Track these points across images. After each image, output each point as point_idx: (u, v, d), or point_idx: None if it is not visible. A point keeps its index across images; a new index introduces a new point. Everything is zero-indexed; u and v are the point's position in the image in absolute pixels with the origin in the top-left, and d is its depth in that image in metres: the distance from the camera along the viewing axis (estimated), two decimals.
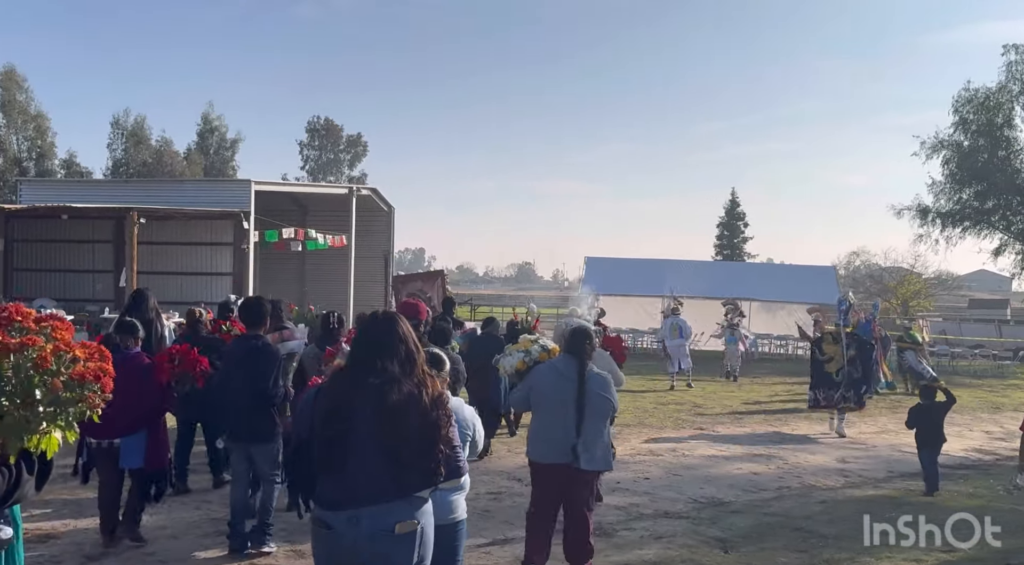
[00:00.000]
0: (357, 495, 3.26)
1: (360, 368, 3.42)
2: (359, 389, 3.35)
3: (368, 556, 3.28)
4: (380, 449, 3.27)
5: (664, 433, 12.15)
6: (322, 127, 75.90)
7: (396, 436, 3.27)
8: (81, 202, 24.94)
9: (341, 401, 3.35)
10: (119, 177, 55.87)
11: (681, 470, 9.67)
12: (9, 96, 56.68)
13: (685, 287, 26.43)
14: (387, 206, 32.88)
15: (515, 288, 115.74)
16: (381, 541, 3.26)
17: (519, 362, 6.65)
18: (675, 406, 15.04)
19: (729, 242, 65.87)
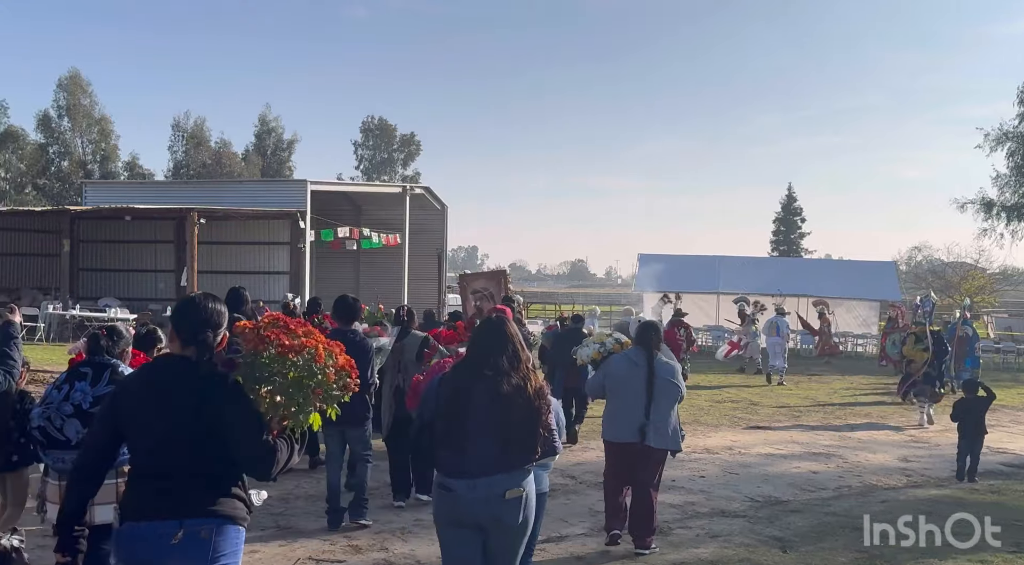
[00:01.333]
0: (473, 467, 3.89)
1: (476, 362, 4.06)
2: (475, 380, 3.98)
3: (483, 516, 3.92)
4: (491, 430, 3.89)
5: (719, 431, 12.02)
6: (376, 127, 76.61)
7: (504, 420, 3.90)
8: (143, 203, 25.58)
9: (460, 389, 3.99)
10: (180, 178, 57.13)
11: (737, 468, 9.56)
12: (74, 100, 58.27)
13: (739, 283, 26.18)
14: (440, 204, 33.07)
15: (568, 285, 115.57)
16: (493, 504, 3.89)
17: (594, 352, 7.44)
18: (730, 404, 14.88)
19: (785, 237, 64.92)
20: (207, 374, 3.12)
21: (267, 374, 3.10)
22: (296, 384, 3.11)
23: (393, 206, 30.27)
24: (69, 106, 58.30)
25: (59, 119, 58.56)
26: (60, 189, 56.80)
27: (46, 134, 58.60)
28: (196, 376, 3.12)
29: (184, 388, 3.10)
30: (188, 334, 3.19)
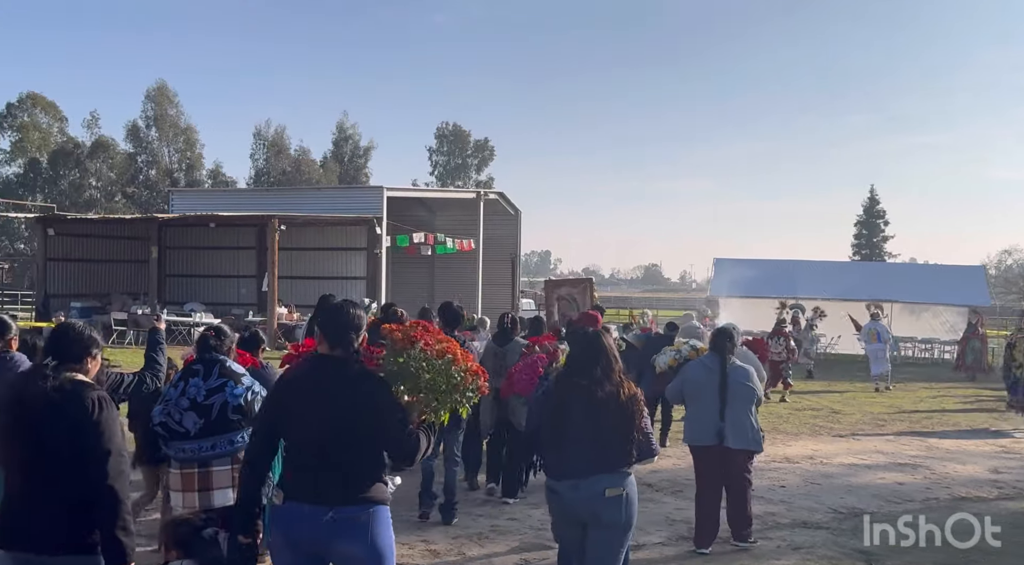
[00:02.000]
0: (574, 469, 4.21)
1: (574, 372, 4.38)
2: (573, 389, 4.30)
3: (586, 514, 4.25)
4: (589, 435, 4.20)
5: (800, 439, 11.76)
6: (450, 133, 77.37)
7: (600, 425, 4.20)
8: (226, 211, 26.33)
9: (561, 398, 4.32)
10: (261, 186, 58.64)
11: (819, 478, 9.33)
12: (161, 111, 60.41)
13: (819, 289, 25.58)
14: (514, 209, 33.21)
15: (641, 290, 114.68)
16: (595, 503, 4.20)
17: (671, 359, 7.74)
18: (811, 412, 14.54)
19: (868, 241, 63.27)
20: (356, 372, 3.53)
21: (411, 374, 3.57)
22: (435, 384, 3.58)
23: (467, 211, 30.53)
24: (157, 116, 60.47)
25: (147, 129, 60.84)
26: (148, 197, 58.89)
27: (135, 144, 60.89)
28: (346, 374, 3.50)
29: (336, 385, 3.47)
30: (335, 337, 3.58)
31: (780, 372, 15.95)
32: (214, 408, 4.72)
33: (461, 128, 77.69)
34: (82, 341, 3.54)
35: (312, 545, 3.41)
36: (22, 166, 59.33)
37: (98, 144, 59.91)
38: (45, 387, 3.30)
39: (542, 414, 4.30)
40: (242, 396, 4.79)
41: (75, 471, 3.11)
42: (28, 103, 59.79)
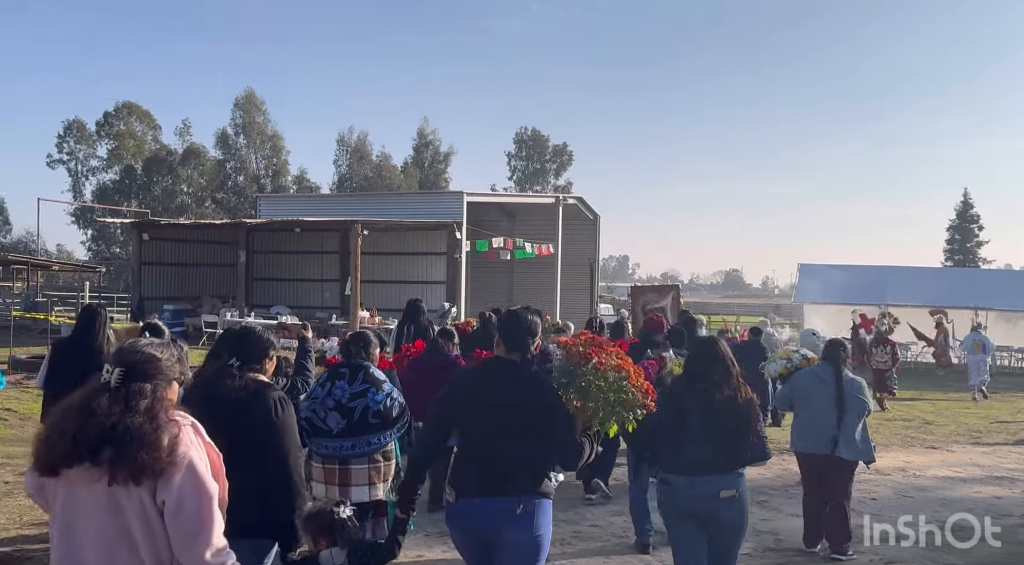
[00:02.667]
0: (691, 467, 4.42)
1: (693, 376, 4.64)
2: (691, 392, 4.54)
3: (701, 511, 4.44)
4: (706, 435, 4.39)
5: (891, 451, 11.40)
6: (529, 138, 77.51)
7: (717, 427, 4.40)
8: (311, 216, 26.91)
9: (679, 400, 4.54)
10: (344, 191, 59.77)
11: (912, 491, 9.04)
12: (249, 118, 62.14)
13: (910, 295, 24.79)
14: (592, 214, 33.09)
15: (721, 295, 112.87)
16: (710, 501, 4.40)
17: (782, 368, 8.14)
18: (902, 422, 14.09)
19: (961, 247, 60.96)
20: (531, 375, 3.84)
21: (583, 384, 3.77)
22: (606, 397, 3.79)
23: (546, 216, 30.54)
24: (245, 124, 62.23)
25: (236, 136, 62.62)
26: (236, 203, 60.64)
27: (224, 151, 62.77)
28: (522, 377, 3.80)
29: (512, 387, 3.75)
30: (512, 341, 3.87)
31: (884, 380, 15.67)
32: (356, 411, 5.01)
33: (540, 133, 77.77)
34: (262, 344, 3.93)
35: (483, 532, 3.72)
36: (118, 173, 61.70)
37: (189, 151, 61.96)
38: (232, 386, 3.66)
39: (660, 415, 4.40)
40: (382, 402, 5.09)
41: (257, 464, 3.36)
42: (124, 112, 62.20)
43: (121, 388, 2.56)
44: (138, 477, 2.47)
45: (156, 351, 2.68)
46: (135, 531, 2.50)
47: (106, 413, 2.50)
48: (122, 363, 2.60)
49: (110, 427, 2.48)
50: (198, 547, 2.51)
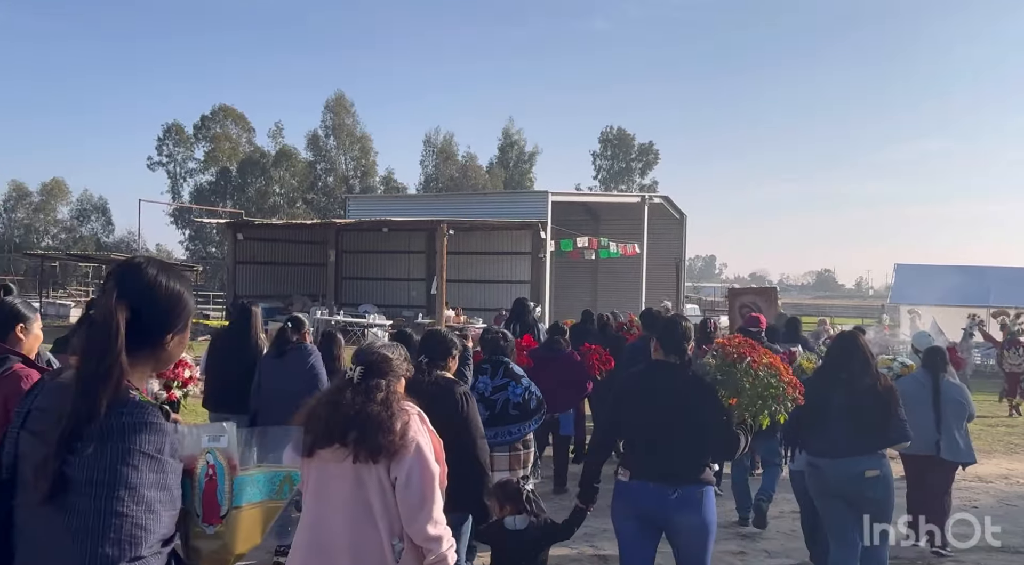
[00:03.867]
0: (836, 449, 4.87)
1: (834, 366, 5.13)
2: (834, 381, 5.00)
3: (849, 491, 4.89)
4: (852, 420, 4.84)
5: (993, 458, 10.91)
6: (614, 137, 77.06)
7: (860, 412, 4.83)
8: (398, 216, 27.33)
9: (822, 389, 4.93)
10: (430, 192, 60.50)
11: (1016, 500, 8.64)
12: (339, 120, 63.47)
13: (1014, 297, 23.69)
14: (679, 213, 32.69)
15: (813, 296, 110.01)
16: (854, 481, 4.86)
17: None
18: (1006, 428, 13.46)
19: None
20: (689, 376, 4.26)
21: (736, 381, 4.22)
22: (758, 392, 4.22)
23: (631, 216, 30.30)
24: (334, 126, 63.59)
25: (326, 138, 64.05)
26: (326, 203, 62.01)
27: (314, 152, 64.28)
28: (681, 377, 4.24)
29: (673, 386, 4.20)
30: (671, 346, 4.28)
31: (1018, 383, 15.15)
32: (498, 403, 5.39)
33: (625, 132, 77.23)
34: (446, 343, 4.50)
35: (653, 514, 4.16)
36: (214, 174, 63.84)
37: (281, 153, 63.65)
38: (424, 381, 4.08)
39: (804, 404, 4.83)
40: (521, 395, 5.50)
41: (450, 450, 3.63)
42: (220, 115, 64.31)
43: (361, 383, 3.08)
44: (376, 456, 2.96)
45: (388, 352, 3.21)
46: (373, 501, 2.98)
47: (350, 404, 3.03)
48: (362, 362, 3.14)
49: (354, 415, 3.00)
50: (421, 518, 2.98)
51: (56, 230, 63.86)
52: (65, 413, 1.81)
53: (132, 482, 1.80)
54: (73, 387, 1.85)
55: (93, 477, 1.77)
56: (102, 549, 1.75)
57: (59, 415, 1.82)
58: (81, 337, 1.91)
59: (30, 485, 1.82)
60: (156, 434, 1.84)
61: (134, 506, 1.79)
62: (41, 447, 1.81)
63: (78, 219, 64.69)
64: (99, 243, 61.45)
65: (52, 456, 1.78)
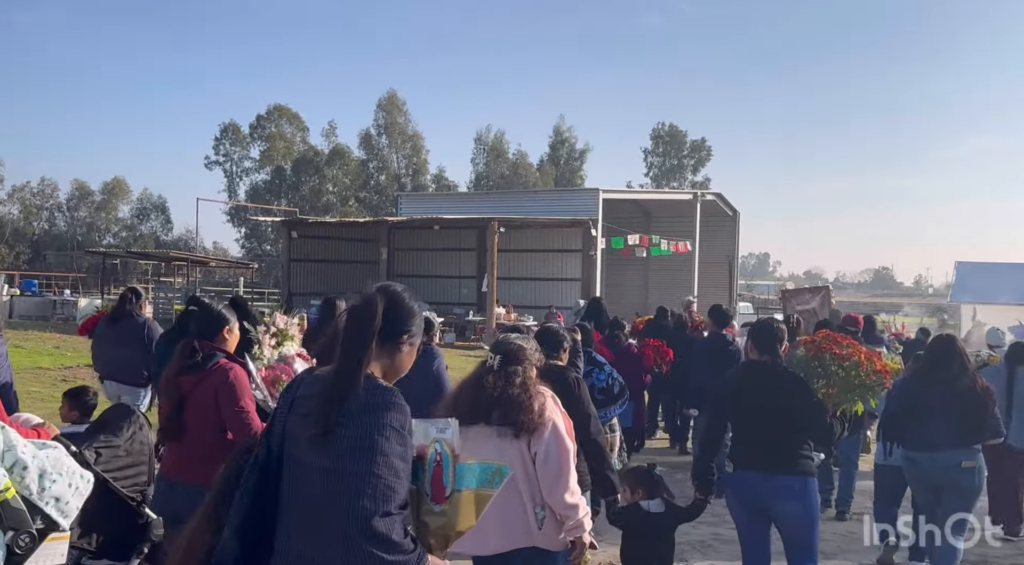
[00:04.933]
0: (933, 443, 5.29)
1: (934, 367, 5.48)
2: (934, 381, 5.38)
3: (944, 481, 5.32)
4: (952, 417, 5.23)
5: None
6: (666, 133, 76.42)
7: (956, 410, 5.23)
8: (449, 214, 27.46)
9: (920, 387, 5.39)
10: (481, 189, 60.64)
11: None
12: (391, 119, 63.99)
13: None
14: (731, 210, 32.32)
15: (869, 294, 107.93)
16: (951, 472, 5.28)
17: None
18: None
19: None
20: (784, 372, 4.64)
21: (825, 374, 4.59)
22: (845, 382, 4.59)
23: (683, 213, 30.04)
24: (387, 124, 64.12)
25: (378, 137, 64.62)
26: (378, 201, 62.58)
27: (367, 151, 64.90)
28: (776, 374, 4.63)
29: (768, 384, 4.59)
30: (765, 346, 4.69)
31: None
32: None
33: (677, 128, 76.51)
34: (558, 337, 4.99)
35: (760, 503, 4.57)
36: (269, 173, 64.83)
37: (335, 152, 64.38)
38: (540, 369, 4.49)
39: (899, 402, 5.44)
40: (605, 380, 5.90)
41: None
42: (275, 114, 65.27)
43: (501, 369, 3.55)
44: (518, 432, 3.41)
45: (523, 343, 3.68)
46: (517, 473, 3.34)
47: (492, 387, 3.48)
48: (500, 352, 3.63)
49: (497, 396, 3.45)
50: (559, 489, 3.41)
51: (117, 228, 65.41)
52: (327, 395, 2.26)
53: (385, 450, 2.21)
54: (330, 375, 2.31)
55: (354, 445, 2.19)
56: (361, 502, 2.14)
57: (318, 398, 2.27)
58: (336, 334, 2.39)
59: (298, 457, 2.28)
60: (401, 413, 2.29)
61: (386, 470, 2.20)
62: (308, 425, 2.26)
63: (138, 218, 66.18)
64: (158, 241, 62.83)
65: (319, 431, 2.21)
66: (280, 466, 2.35)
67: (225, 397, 4.07)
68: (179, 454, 4.17)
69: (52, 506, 2.99)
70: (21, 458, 2.93)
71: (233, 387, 4.07)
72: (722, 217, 31.88)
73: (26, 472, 2.93)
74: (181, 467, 4.13)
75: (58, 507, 3.00)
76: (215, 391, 4.06)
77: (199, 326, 4.35)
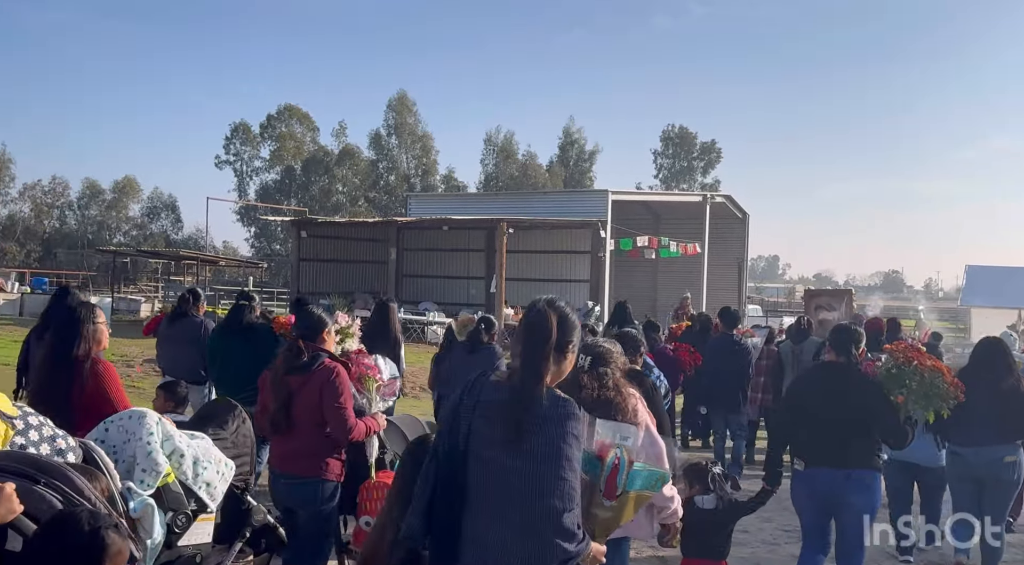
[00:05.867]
0: (980, 439, 5.60)
1: (979, 368, 5.80)
2: (979, 379, 5.57)
3: (986, 474, 5.66)
4: (992, 415, 5.52)
5: None
6: (676, 135, 76.32)
7: (1002, 408, 5.58)
8: (458, 214, 27.48)
9: (967, 386, 5.25)
10: (490, 190, 60.66)
11: None
12: (401, 119, 64.09)
13: None
14: (741, 213, 32.24)
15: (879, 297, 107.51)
16: (993, 466, 5.64)
17: None
18: None
19: None
20: (857, 375, 4.99)
21: (904, 381, 4.91)
22: (924, 391, 4.91)
23: (692, 215, 29.99)
24: (396, 125, 64.22)
25: (388, 137, 64.73)
26: (387, 201, 62.68)
27: (377, 151, 65.02)
28: (850, 376, 4.97)
29: (844, 385, 4.92)
30: (840, 348, 5.05)
31: None
32: None
33: (687, 130, 76.40)
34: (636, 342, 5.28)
35: (829, 497, 4.87)
36: (279, 173, 65.00)
37: (344, 152, 64.52)
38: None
39: None
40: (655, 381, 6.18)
41: None
42: (286, 114, 65.45)
43: (592, 370, 3.68)
44: None
45: (610, 346, 3.91)
46: None
47: (589, 387, 3.62)
48: (590, 354, 3.75)
49: (595, 398, 3.55)
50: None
51: (127, 227, 65.68)
52: (512, 403, 2.65)
53: (569, 455, 2.62)
54: (512, 383, 2.71)
55: (544, 451, 2.60)
56: (552, 502, 2.57)
57: (506, 405, 2.66)
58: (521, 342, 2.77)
59: (489, 455, 2.68)
60: (579, 421, 2.68)
61: (570, 473, 2.61)
62: (498, 429, 2.66)
63: (148, 216, 66.44)
64: (168, 240, 63.05)
65: (512, 436, 2.61)
66: (465, 459, 2.72)
67: (329, 394, 4.42)
68: (284, 448, 4.55)
69: (204, 490, 3.35)
70: (179, 447, 3.31)
71: (336, 386, 4.45)
72: (731, 219, 31.80)
73: (183, 459, 3.31)
74: (284, 460, 4.55)
75: (208, 491, 3.37)
76: (320, 389, 4.42)
77: (302, 328, 4.75)
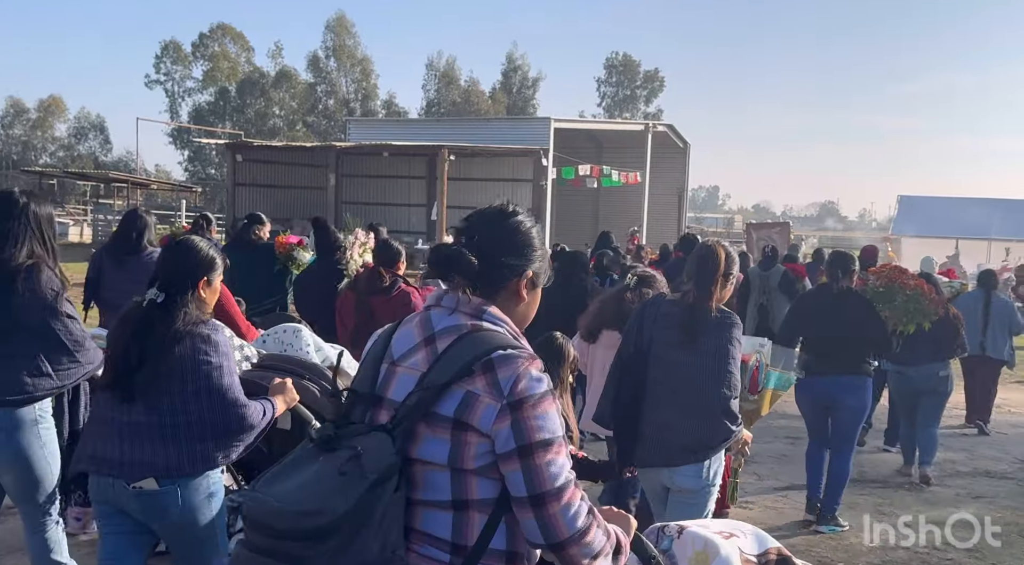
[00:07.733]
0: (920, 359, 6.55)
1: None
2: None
3: (925, 387, 6.74)
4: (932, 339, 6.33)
5: None
6: (620, 63, 75.77)
7: (939, 334, 6.36)
8: (399, 140, 27.07)
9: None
10: (431, 117, 59.76)
11: (1006, 428, 8.80)
12: (340, 42, 62.41)
13: (1015, 229, 23.68)
14: (682, 142, 32.39)
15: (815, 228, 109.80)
16: (931, 380, 6.72)
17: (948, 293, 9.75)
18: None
19: None
20: (853, 294, 5.61)
21: (890, 299, 5.69)
22: (907, 307, 5.72)
23: (634, 144, 30.01)
24: (335, 47, 62.52)
25: (326, 60, 63.03)
26: (326, 126, 61.39)
27: (315, 74, 63.34)
28: (844, 295, 5.56)
29: (837, 303, 5.53)
30: (835, 271, 5.62)
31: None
32: None
33: (631, 58, 75.84)
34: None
35: (827, 400, 5.57)
36: (213, 94, 63.01)
37: (281, 74, 62.73)
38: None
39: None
40: None
41: None
42: (219, 33, 63.14)
43: (636, 289, 4.70)
44: None
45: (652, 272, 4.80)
46: None
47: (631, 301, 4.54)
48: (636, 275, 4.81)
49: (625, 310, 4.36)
50: None
51: (54, 148, 63.39)
52: (686, 316, 3.60)
53: (733, 354, 3.56)
54: (687, 300, 3.64)
55: (714, 350, 3.54)
56: (722, 389, 3.53)
57: (684, 315, 3.61)
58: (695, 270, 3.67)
59: (669, 357, 3.63)
60: (739, 329, 3.63)
61: (735, 368, 3.57)
62: (676, 334, 3.61)
63: (76, 137, 64.13)
64: (97, 162, 61.04)
65: (689, 339, 3.57)
66: (646, 360, 3.67)
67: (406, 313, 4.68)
68: None
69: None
70: (328, 355, 3.84)
71: (413, 307, 4.90)
72: (673, 149, 31.94)
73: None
74: None
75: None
76: (395, 310, 4.81)
77: (381, 257, 5.49)
